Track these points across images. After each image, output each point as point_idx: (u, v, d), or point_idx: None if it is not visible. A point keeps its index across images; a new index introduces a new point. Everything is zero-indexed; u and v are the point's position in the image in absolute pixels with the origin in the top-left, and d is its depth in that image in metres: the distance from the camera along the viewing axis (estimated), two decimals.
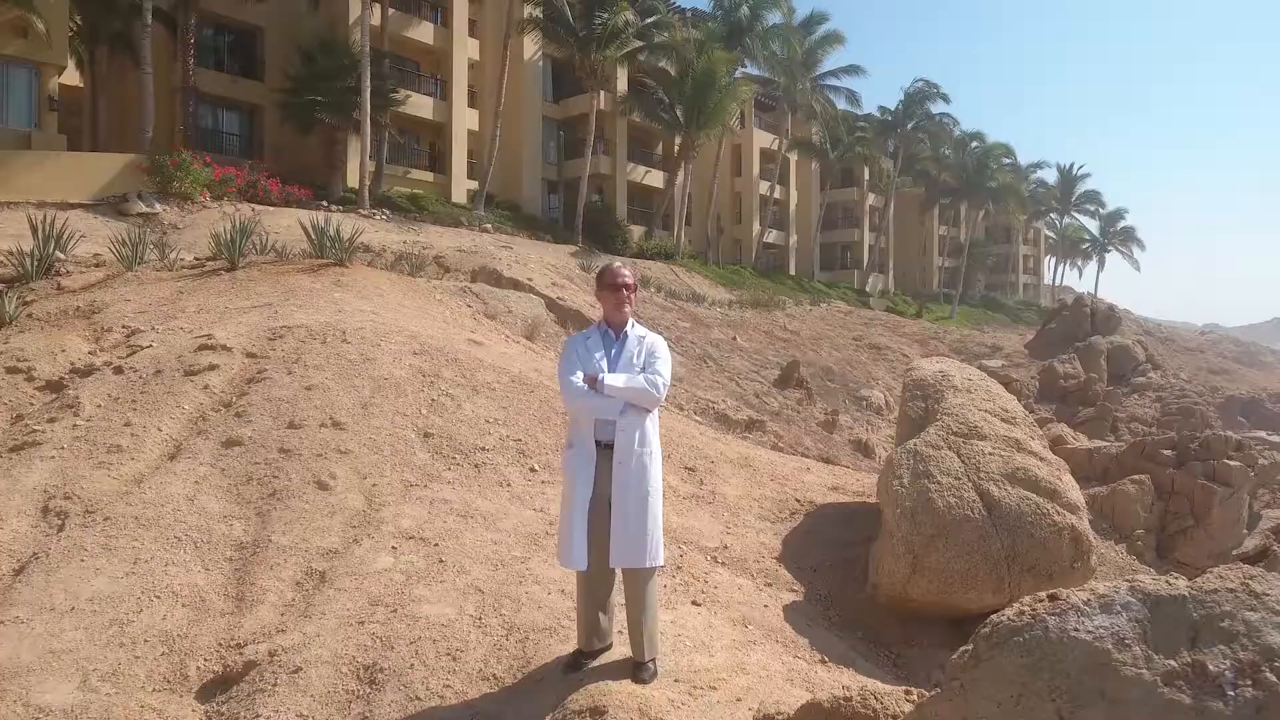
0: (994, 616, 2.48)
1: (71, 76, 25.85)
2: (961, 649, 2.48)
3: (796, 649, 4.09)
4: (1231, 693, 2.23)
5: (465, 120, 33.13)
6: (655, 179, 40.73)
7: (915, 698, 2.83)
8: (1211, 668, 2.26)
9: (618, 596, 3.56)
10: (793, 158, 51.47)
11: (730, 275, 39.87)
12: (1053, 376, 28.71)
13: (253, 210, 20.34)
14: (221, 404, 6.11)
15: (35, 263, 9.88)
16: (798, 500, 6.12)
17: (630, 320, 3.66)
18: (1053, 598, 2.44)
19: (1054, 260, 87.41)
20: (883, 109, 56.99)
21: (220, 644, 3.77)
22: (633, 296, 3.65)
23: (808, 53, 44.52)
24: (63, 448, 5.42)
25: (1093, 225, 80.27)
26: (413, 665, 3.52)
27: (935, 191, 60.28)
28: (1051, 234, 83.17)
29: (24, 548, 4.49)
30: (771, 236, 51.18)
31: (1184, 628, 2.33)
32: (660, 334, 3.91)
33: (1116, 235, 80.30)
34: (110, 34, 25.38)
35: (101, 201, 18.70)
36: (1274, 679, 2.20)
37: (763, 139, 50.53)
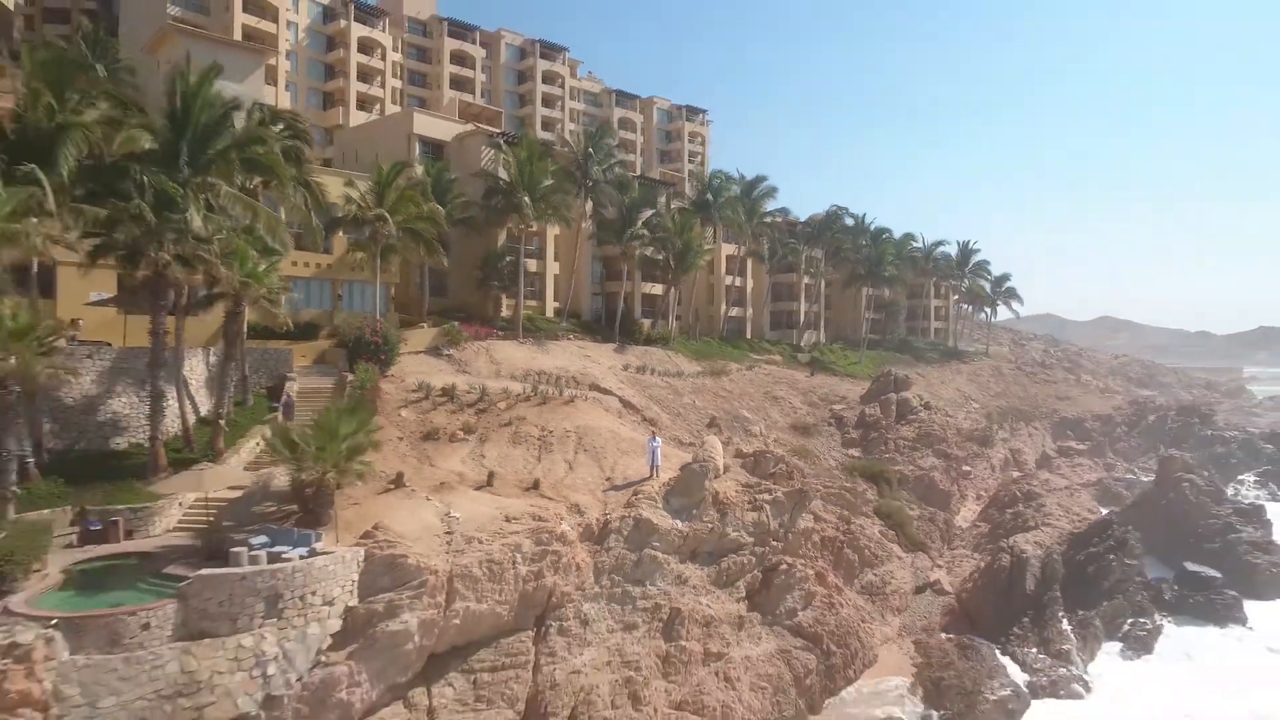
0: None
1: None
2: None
3: None
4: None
5: (552, 269, 60.00)
6: (657, 289, 67.29)
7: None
8: (695, 468, 29.03)
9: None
10: (749, 259, 78.20)
11: (702, 348, 66.22)
12: (862, 415, 55.31)
13: (485, 348, 46.74)
14: (577, 440, 32.94)
15: (484, 400, 36.59)
16: (683, 461, 32.91)
17: (657, 435, 30.50)
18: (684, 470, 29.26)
19: (966, 306, 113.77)
20: (811, 217, 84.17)
21: (606, 479, 30.65)
22: (657, 438, 30.54)
23: (752, 204, 71.35)
24: (559, 448, 32.26)
25: (987, 285, 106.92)
26: (642, 479, 30.44)
27: (853, 275, 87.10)
28: (960, 289, 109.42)
29: (554, 459, 31.38)
30: (734, 312, 77.72)
31: (698, 474, 29.10)
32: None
33: (1003, 293, 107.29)
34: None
35: (429, 350, 45.13)
36: (699, 472, 28.96)
37: (728, 248, 77.05)
